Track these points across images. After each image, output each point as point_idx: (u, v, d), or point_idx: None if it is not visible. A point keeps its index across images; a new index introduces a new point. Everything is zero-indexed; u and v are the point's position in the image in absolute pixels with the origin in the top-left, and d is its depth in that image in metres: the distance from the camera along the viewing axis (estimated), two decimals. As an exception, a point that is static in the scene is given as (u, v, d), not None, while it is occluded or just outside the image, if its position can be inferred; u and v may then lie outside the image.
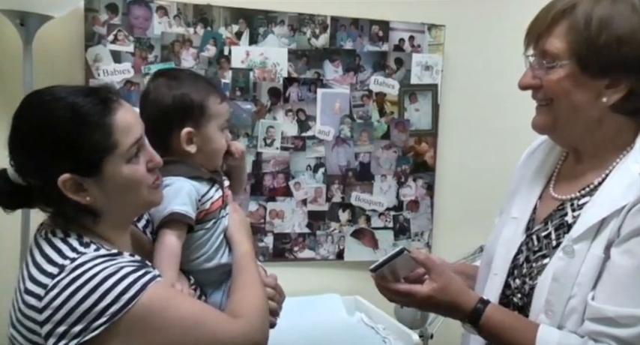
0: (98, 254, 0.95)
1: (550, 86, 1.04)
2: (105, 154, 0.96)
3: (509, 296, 1.13)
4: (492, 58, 2.51)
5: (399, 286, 1.12)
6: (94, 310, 0.90)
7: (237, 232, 1.22)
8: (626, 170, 1.02)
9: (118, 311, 0.91)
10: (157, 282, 0.96)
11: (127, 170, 0.99)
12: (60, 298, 0.90)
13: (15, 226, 1.84)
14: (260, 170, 2.32)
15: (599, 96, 1.02)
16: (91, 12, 2.08)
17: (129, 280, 0.93)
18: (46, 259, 0.95)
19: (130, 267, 0.95)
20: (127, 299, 0.91)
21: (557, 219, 1.09)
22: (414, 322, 2.15)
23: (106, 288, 0.91)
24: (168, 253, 1.10)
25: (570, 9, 1.01)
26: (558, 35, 1.02)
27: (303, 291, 2.33)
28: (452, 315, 1.13)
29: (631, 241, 0.96)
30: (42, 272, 0.93)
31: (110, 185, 0.98)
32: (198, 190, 1.16)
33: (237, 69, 2.26)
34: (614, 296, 0.96)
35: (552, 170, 1.18)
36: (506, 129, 2.48)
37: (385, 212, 2.49)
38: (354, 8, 2.35)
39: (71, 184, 0.95)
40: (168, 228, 1.12)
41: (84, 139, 0.95)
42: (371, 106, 2.42)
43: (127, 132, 0.98)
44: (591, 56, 0.99)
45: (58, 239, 0.98)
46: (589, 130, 1.06)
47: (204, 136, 1.19)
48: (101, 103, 0.97)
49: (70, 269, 0.92)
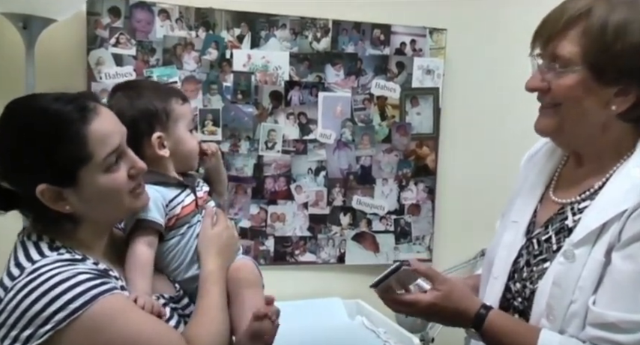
0: (59, 258, 0.94)
1: (560, 91, 1.03)
2: (80, 165, 0.96)
3: (510, 300, 1.13)
4: (494, 62, 2.51)
5: (402, 296, 1.12)
6: (41, 315, 0.88)
7: (204, 250, 1.16)
8: (626, 174, 1.01)
9: (63, 319, 0.88)
10: (113, 294, 0.93)
11: (103, 180, 0.98)
12: (14, 301, 0.89)
13: (16, 227, 1.83)
14: (261, 173, 2.32)
15: (608, 103, 1.01)
16: (93, 15, 2.09)
17: (81, 288, 0.90)
18: (15, 262, 0.95)
19: (86, 274, 0.93)
20: (74, 308, 0.89)
21: (557, 223, 1.09)
22: (415, 326, 2.15)
23: (57, 294, 0.89)
24: (139, 262, 1.08)
25: (586, 13, 0.98)
26: (572, 39, 1.00)
27: (304, 294, 2.33)
28: (456, 322, 1.12)
29: (632, 246, 0.95)
30: (8, 275, 0.94)
31: (88, 195, 0.98)
32: (164, 195, 1.15)
33: (239, 72, 2.26)
34: (615, 301, 0.95)
35: (553, 174, 1.18)
36: (507, 133, 2.49)
37: (386, 216, 2.49)
38: (355, 12, 2.36)
39: (49, 194, 0.95)
40: (138, 236, 1.10)
41: (59, 150, 0.94)
42: (372, 109, 2.42)
43: (103, 142, 0.97)
44: (605, 63, 0.98)
45: (31, 243, 0.98)
46: (593, 136, 1.06)
47: (175, 138, 1.21)
48: (78, 112, 0.96)
49: (29, 272, 0.91)
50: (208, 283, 1.12)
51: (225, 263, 1.18)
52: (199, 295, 1.11)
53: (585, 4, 0.99)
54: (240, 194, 2.30)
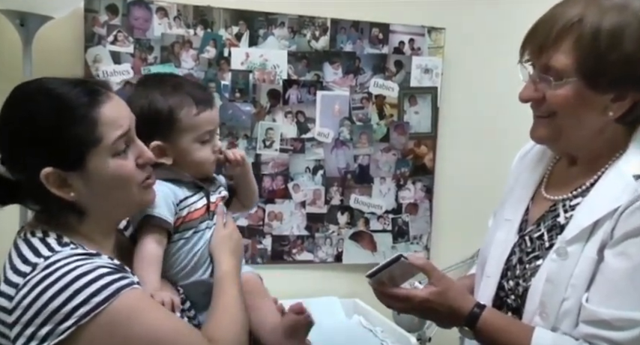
0: (74, 253, 0.90)
1: (555, 102, 1.01)
2: (89, 148, 0.92)
3: (503, 298, 1.13)
4: (492, 62, 2.50)
5: (396, 290, 1.11)
6: (61, 311, 0.85)
7: (218, 250, 1.12)
8: (618, 172, 1.01)
9: (86, 314, 0.85)
10: (134, 289, 0.91)
11: (112, 164, 0.94)
12: (29, 297, 0.86)
13: (13, 227, 1.83)
14: (259, 172, 2.32)
15: (605, 110, 1.00)
16: (91, 13, 2.09)
17: (103, 281, 0.87)
18: (22, 259, 0.91)
19: (106, 268, 0.89)
20: (98, 302, 0.86)
21: (549, 220, 1.09)
22: (412, 325, 2.15)
23: (77, 287, 0.86)
24: (148, 258, 1.03)
25: (578, 22, 0.96)
26: (564, 51, 0.98)
27: (302, 293, 2.32)
28: (449, 320, 1.12)
29: (625, 243, 0.95)
30: (16, 272, 0.90)
31: (95, 180, 0.94)
32: (176, 193, 1.09)
33: (237, 71, 2.26)
34: (608, 299, 0.95)
35: (544, 172, 1.18)
36: (505, 132, 2.48)
37: (384, 215, 2.49)
38: (354, 11, 2.36)
39: (54, 178, 0.92)
40: (146, 233, 1.05)
41: (68, 132, 0.91)
42: (370, 108, 2.42)
43: (113, 125, 0.94)
44: (600, 73, 0.97)
45: (37, 239, 0.94)
46: (589, 140, 1.05)
47: (179, 149, 1.11)
48: (88, 95, 0.93)
49: (42, 267, 0.88)
50: (226, 283, 1.08)
51: (237, 264, 1.15)
52: (216, 294, 1.07)
53: (576, 13, 0.97)
54: (238, 193, 2.30)
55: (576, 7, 0.98)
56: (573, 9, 0.98)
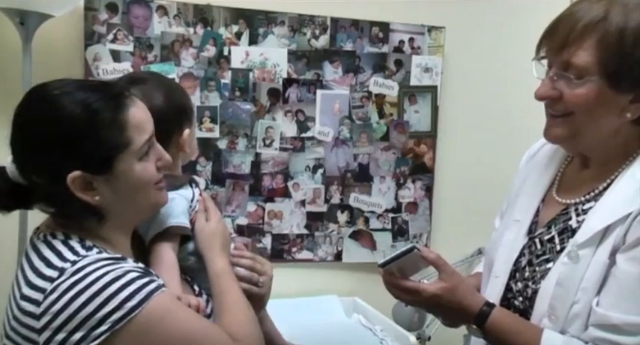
0: (101, 257, 0.90)
1: (574, 101, 0.99)
2: (118, 152, 0.93)
3: (511, 299, 1.13)
4: (492, 61, 2.51)
5: (406, 282, 1.09)
6: (95, 317, 0.85)
7: (208, 249, 1.12)
8: (631, 177, 1.01)
9: (120, 319, 0.86)
10: (163, 292, 0.91)
11: (138, 168, 0.95)
12: (59, 303, 0.85)
13: (13, 229, 1.84)
14: (259, 171, 2.32)
15: (622, 111, 0.99)
16: (90, 11, 2.08)
17: (134, 286, 0.88)
18: (45, 262, 0.90)
19: (135, 272, 0.90)
20: (131, 307, 0.86)
21: (560, 223, 1.08)
22: (412, 323, 2.15)
23: (110, 293, 0.86)
24: (168, 263, 1.06)
25: (602, 20, 0.94)
26: (587, 48, 0.95)
27: (301, 292, 2.33)
28: (457, 317, 1.12)
29: (637, 249, 0.95)
30: (40, 276, 0.89)
31: (121, 184, 0.95)
32: (186, 197, 1.14)
33: (237, 69, 2.26)
34: (619, 303, 0.95)
35: (555, 173, 1.17)
36: (505, 131, 2.49)
37: (384, 214, 2.49)
38: (354, 9, 2.35)
39: (80, 182, 0.91)
40: (164, 241, 1.08)
41: (97, 136, 0.91)
42: (370, 107, 2.42)
43: (140, 129, 0.95)
44: (623, 72, 0.95)
45: (59, 241, 0.93)
46: (604, 141, 1.04)
47: (193, 135, 1.21)
48: (113, 99, 0.93)
49: (71, 272, 0.87)
50: (225, 281, 1.08)
51: (228, 258, 1.14)
52: (218, 292, 1.07)
53: (601, 11, 0.95)
54: (238, 191, 2.30)
55: (599, 5, 0.96)
56: (597, 6, 0.96)
